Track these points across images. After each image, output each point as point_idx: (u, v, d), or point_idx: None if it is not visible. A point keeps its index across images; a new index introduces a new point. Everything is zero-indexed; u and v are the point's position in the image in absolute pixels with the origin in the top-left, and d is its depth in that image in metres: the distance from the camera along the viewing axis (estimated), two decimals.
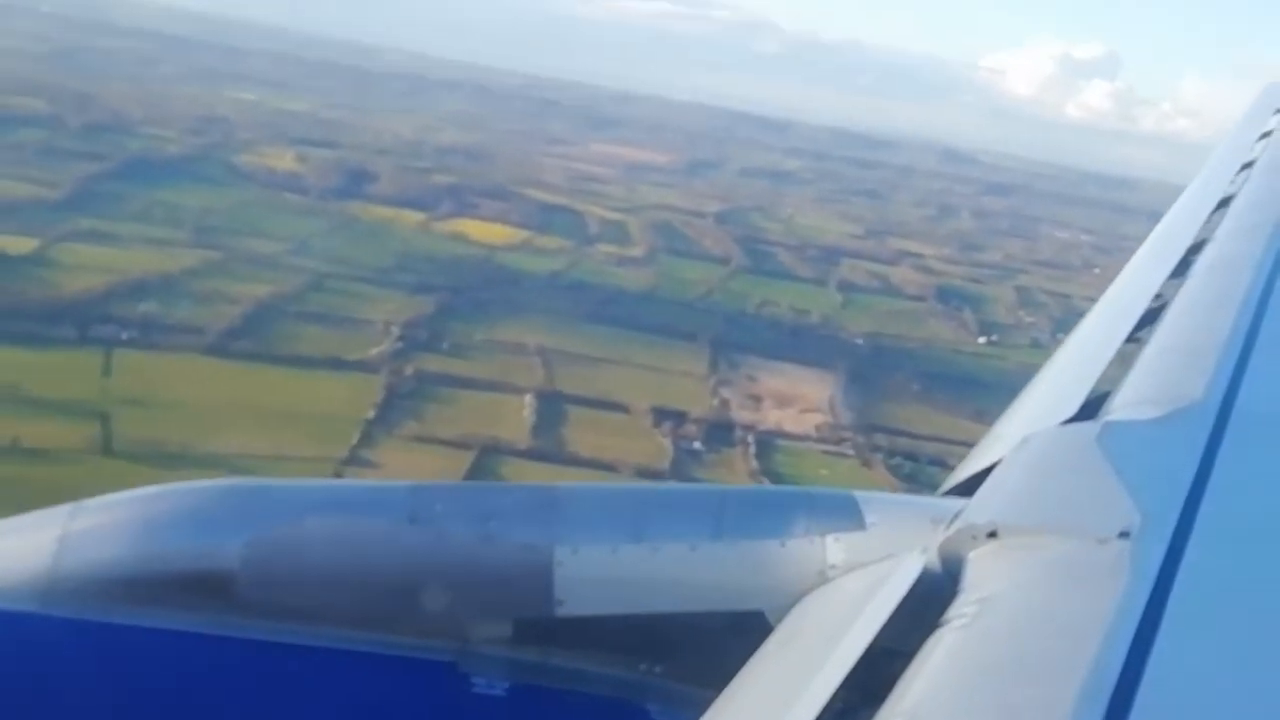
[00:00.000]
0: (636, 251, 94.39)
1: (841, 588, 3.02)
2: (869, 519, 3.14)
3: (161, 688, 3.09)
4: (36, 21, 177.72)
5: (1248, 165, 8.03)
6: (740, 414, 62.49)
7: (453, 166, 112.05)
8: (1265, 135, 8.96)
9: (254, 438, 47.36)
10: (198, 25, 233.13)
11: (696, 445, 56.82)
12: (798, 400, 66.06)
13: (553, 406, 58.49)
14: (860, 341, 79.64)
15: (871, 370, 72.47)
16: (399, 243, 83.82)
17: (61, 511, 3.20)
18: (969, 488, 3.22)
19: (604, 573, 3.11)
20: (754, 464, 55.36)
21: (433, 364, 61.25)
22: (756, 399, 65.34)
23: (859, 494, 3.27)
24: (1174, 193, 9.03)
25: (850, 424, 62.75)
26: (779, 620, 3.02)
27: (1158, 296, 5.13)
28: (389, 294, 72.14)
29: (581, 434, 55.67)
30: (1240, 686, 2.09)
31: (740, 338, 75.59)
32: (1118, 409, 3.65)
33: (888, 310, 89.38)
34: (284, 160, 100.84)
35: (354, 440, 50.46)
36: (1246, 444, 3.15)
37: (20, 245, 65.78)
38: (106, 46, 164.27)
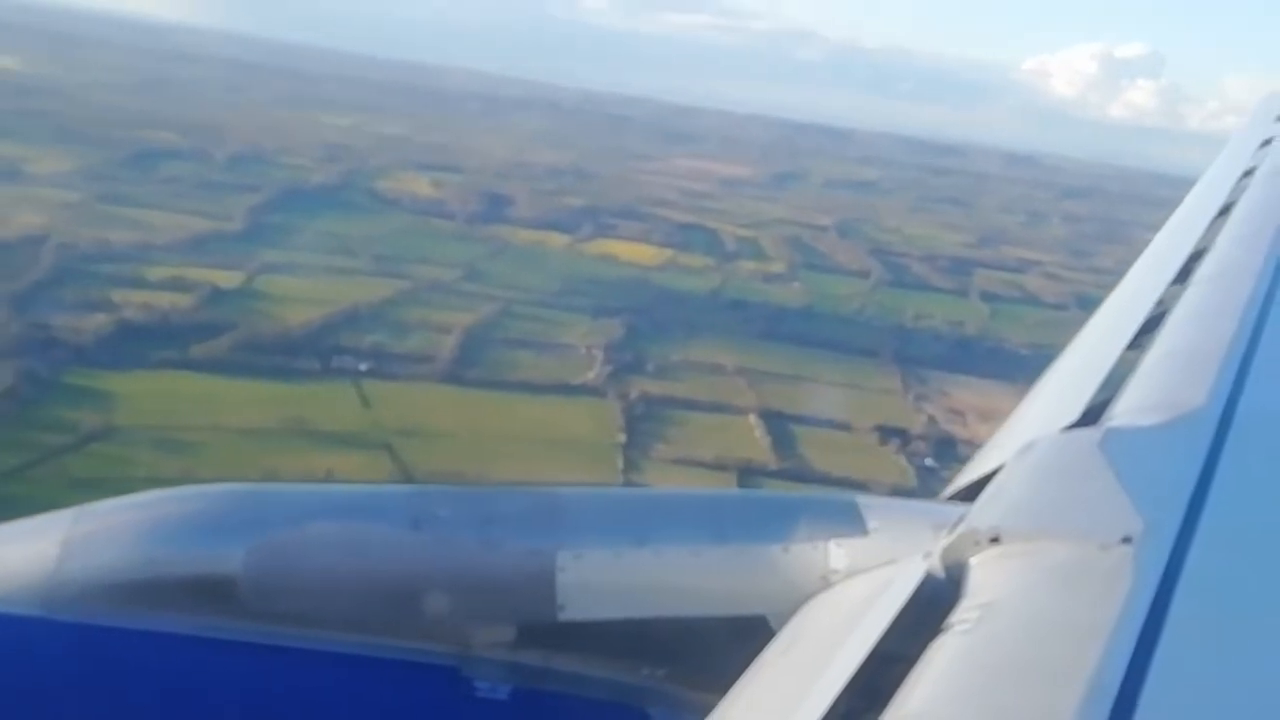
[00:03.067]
0: (778, 267, 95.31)
1: (844, 593, 3.00)
2: (871, 524, 3.11)
3: (164, 692, 3.08)
4: (112, 53, 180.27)
5: (1249, 173, 7.97)
6: (953, 429, 63.10)
7: (571, 188, 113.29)
8: (1266, 143, 8.94)
9: (532, 466, 48.11)
10: (254, 50, 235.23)
11: (929, 462, 57.39)
12: (997, 414, 66.03)
13: (779, 426, 59.19)
14: (1026, 352, 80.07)
15: None
16: (559, 266, 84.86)
17: (65, 516, 3.18)
18: (971, 493, 3.19)
19: (606, 577, 3.07)
20: None
21: (650, 387, 62.06)
22: (959, 414, 65.95)
23: (861, 499, 3.25)
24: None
25: None
26: (781, 625, 2.98)
27: (1159, 303, 5.03)
28: (573, 317, 73.18)
29: (818, 453, 56.31)
30: (1243, 693, 2.09)
31: (915, 352, 76.38)
32: (1119, 415, 3.59)
33: (1037, 320, 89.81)
34: (421, 186, 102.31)
35: (620, 465, 51.34)
36: (1248, 450, 3.14)
37: (228, 279, 67.23)
38: (187, 76, 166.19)
